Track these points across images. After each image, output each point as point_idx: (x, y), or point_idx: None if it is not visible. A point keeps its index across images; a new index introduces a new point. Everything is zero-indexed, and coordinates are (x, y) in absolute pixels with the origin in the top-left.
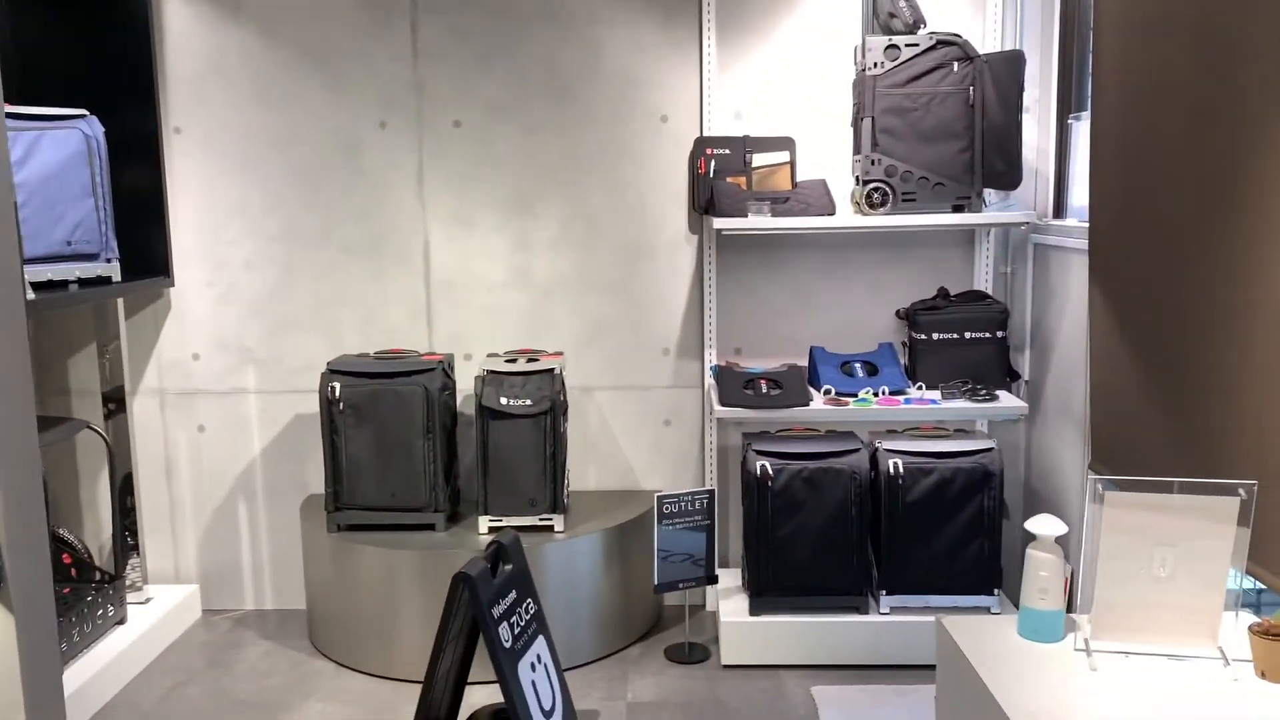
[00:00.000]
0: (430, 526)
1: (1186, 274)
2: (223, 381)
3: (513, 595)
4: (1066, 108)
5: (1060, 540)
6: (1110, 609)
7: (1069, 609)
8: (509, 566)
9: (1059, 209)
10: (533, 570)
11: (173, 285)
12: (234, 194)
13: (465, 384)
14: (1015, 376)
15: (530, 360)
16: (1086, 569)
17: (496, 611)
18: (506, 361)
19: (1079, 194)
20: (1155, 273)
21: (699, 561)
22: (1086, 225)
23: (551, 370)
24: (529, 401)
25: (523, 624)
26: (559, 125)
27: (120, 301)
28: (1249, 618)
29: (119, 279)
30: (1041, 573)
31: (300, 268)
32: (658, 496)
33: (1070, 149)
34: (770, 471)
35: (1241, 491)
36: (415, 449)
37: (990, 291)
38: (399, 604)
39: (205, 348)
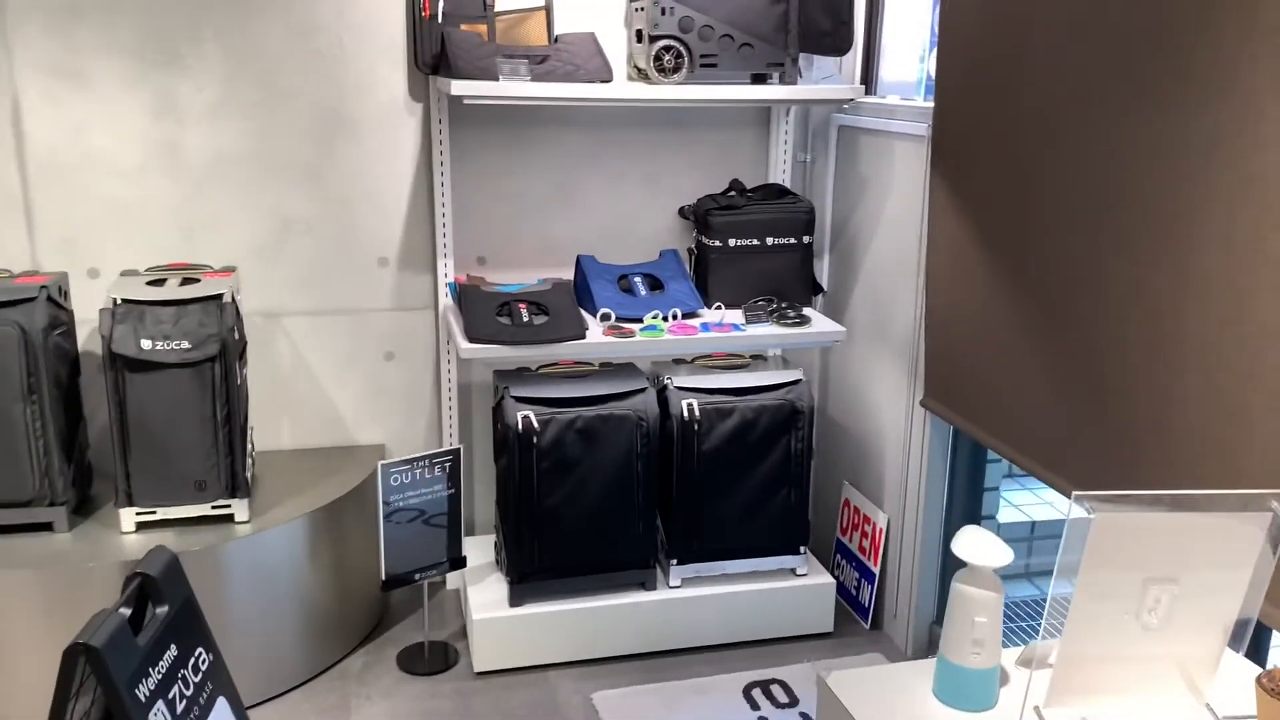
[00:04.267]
0: (46, 527)
1: (1068, 170)
2: None
3: (171, 654)
4: None
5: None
6: (1078, 666)
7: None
8: (163, 609)
9: (867, 83)
10: (212, 580)
11: None
12: None
13: (89, 314)
14: (818, 289)
15: (187, 282)
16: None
17: (144, 690)
18: (150, 285)
19: (892, 66)
20: (1023, 167)
21: (441, 544)
22: (908, 103)
23: (218, 297)
24: (186, 344)
25: (190, 693)
26: None
27: None
28: (1245, 663)
29: None
30: (977, 618)
31: None
32: (381, 466)
33: (881, 8)
34: (535, 424)
35: (1276, 504)
36: (13, 418)
37: (788, 184)
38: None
39: None
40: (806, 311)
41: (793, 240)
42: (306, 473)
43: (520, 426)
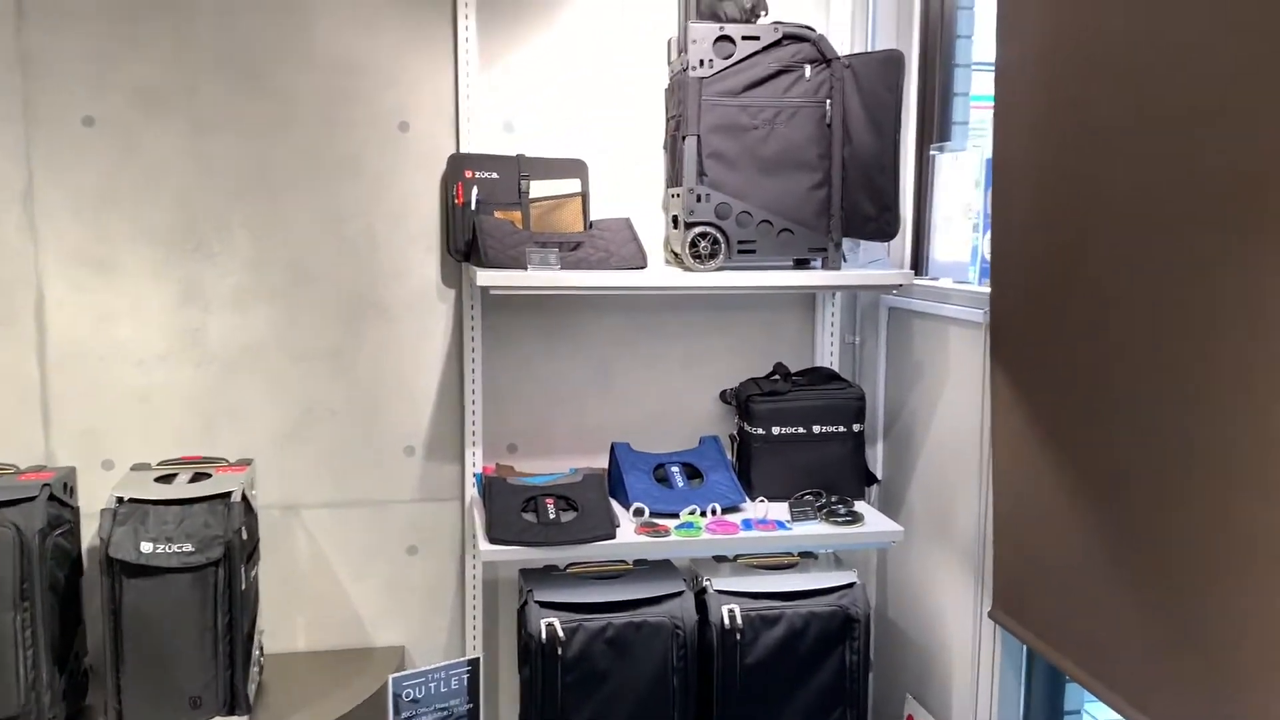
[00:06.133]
0: None
1: (1138, 361)
2: None
3: None
4: (927, 136)
5: None
6: None
7: None
8: None
9: (917, 264)
10: None
11: None
12: None
13: (99, 508)
14: (872, 480)
15: (198, 477)
16: None
17: None
18: (158, 481)
19: (943, 245)
20: (1090, 358)
21: None
22: (963, 287)
23: (226, 495)
24: (188, 546)
25: None
26: (248, 125)
27: None
28: None
29: None
30: None
31: None
32: (392, 680)
33: (930, 188)
34: (561, 633)
35: None
36: (2, 627)
37: (836, 367)
38: None
39: None
40: (859, 506)
41: (842, 428)
42: (318, 681)
43: (544, 635)
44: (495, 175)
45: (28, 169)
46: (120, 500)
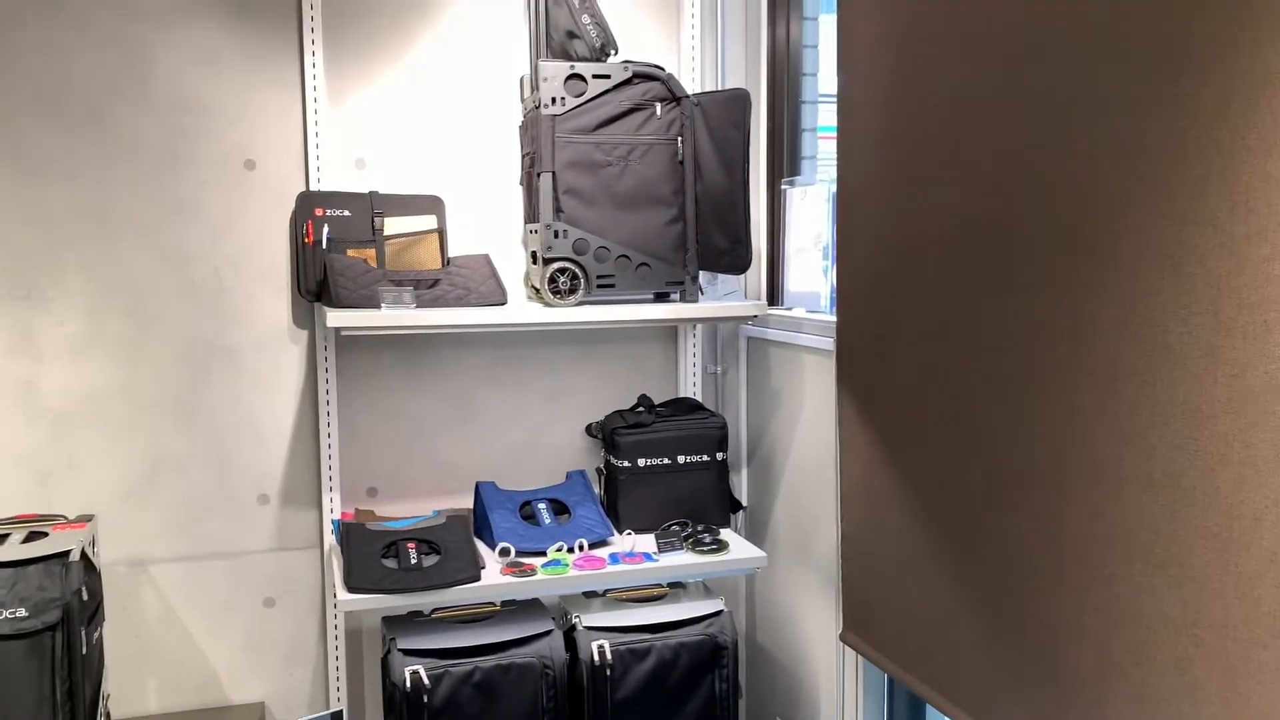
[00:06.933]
0: None
1: (974, 387)
2: None
3: None
4: (777, 170)
5: None
6: None
7: None
8: None
9: (773, 295)
10: None
11: None
12: None
13: None
14: (737, 506)
15: (33, 536)
16: None
17: None
18: None
19: (796, 276)
20: (927, 378)
21: None
22: (814, 316)
23: (64, 555)
24: (22, 611)
25: None
26: (83, 167)
27: None
28: None
29: None
30: None
31: None
32: None
33: (782, 221)
34: (426, 680)
35: None
36: None
37: (699, 396)
38: None
39: None
40: (724, 534)
41: (706, 457)
42: None
43: (409, 684)
44: (347, 213)
45: None
46: None
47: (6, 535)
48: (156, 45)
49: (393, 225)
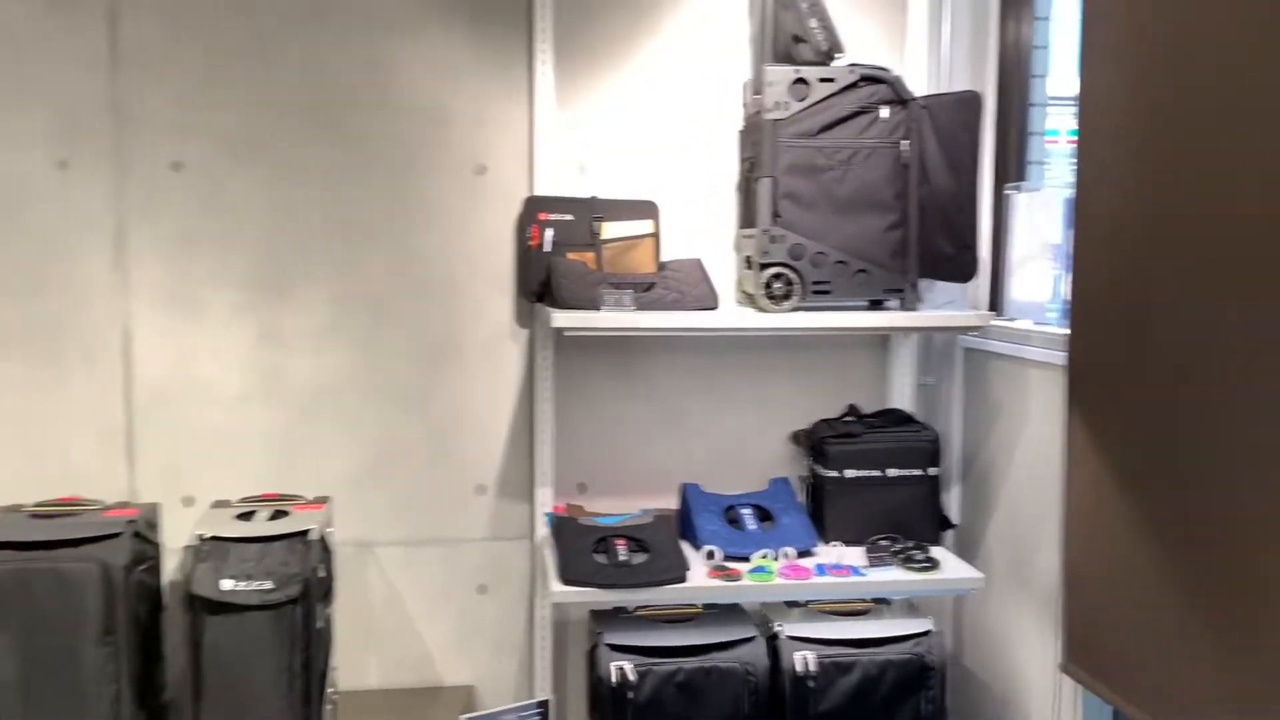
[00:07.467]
0: None
1: (1228, 410)
2: None
3: None
4: (1003, 175)
5: None
6: None
7: None
8: None
9: (995, 305)
10: None
11: None
12: None
13: (179, 544)
14: (947, 524)
15: (277, 514)
16: None
17: None
18: (239, 517)
19: (1020, 286)
20: (1172, 404)
21: None
22: (1043, 329)
23: (305, 533)
24: (268, 584)
25: None
26: (329, 171)
27: None
28: None
29: None
30: None
31: None
32: None
33: (1007, 228)
34: (631, 677)
35: None
36: (87, 660)
37: (910, 408)
38: None
39: None
40: (935, 552)
41: (917, 471)
42: (390, 717)
43: (615, 679)
44: (569, 217)
45: (118, 212)
46: (202, 538)
47: (253, 512)
48: (399, 56)
49: (610, 229)
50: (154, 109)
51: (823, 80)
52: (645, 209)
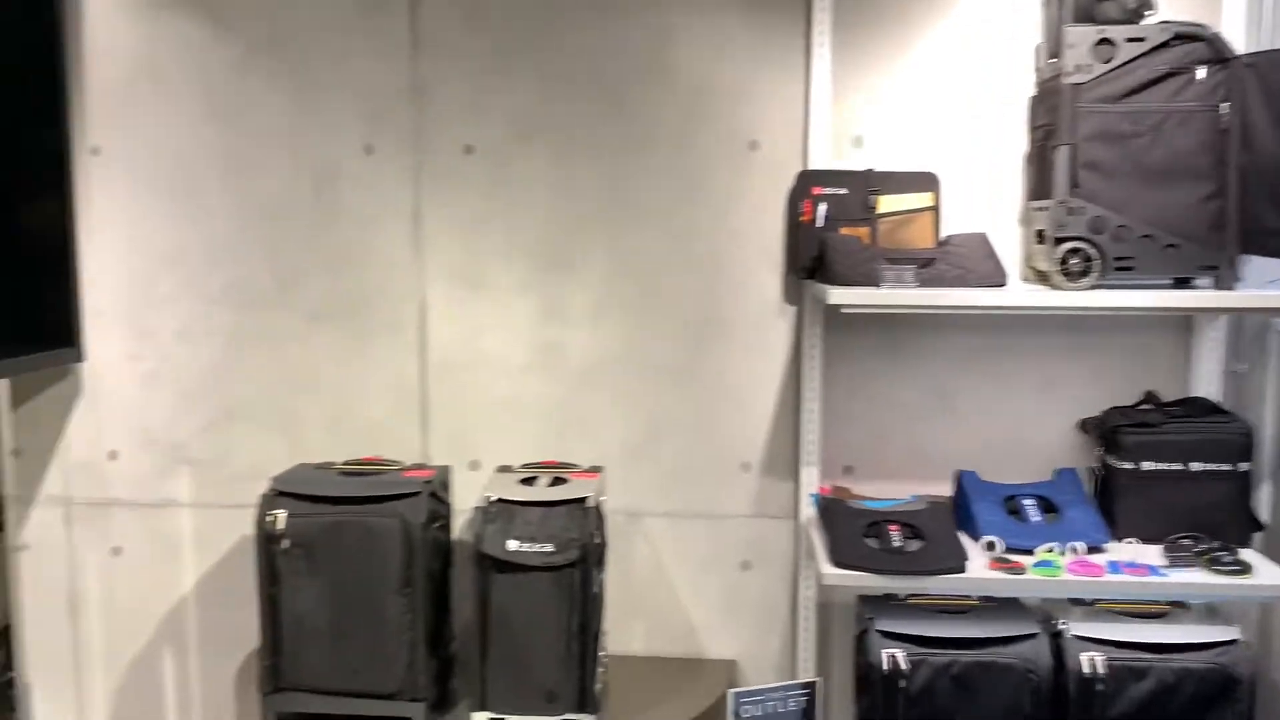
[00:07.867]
0: None
1: None
2: (147, 490)
3: None
4: None
5: None
6: None
7: None
8: None
9: None
10: None
11: (82, 361)
12: (167, 238)
13: (465, 505)
14: (1257, 525)
15: (556, 481)
16: None
17: None
18: (522, 482)
19: None
20: None
21: None
22: None
23: (583, 500)
24: (550, 547)
25: None
26: (607, 150)
27: (5, 383)
28: None
29: None
30: None
31: (252, 339)
32: (732, 695)
33: None
34: (904, 665)
35: None
36: (388, 609)
37: (1217, 397)
38: None
39: (125, 444)
40: (1245, 555)
41: (1225, 466)
42: (655, 687)
43: (886, 666)
44: (844, 191)
45: (415, 193)
46: (490, 500)
47: (535, 478)
48: (680, 32)
49: (887, 203)
50: (450, 94)
51: (1130, 40)
52: (924, 181)
